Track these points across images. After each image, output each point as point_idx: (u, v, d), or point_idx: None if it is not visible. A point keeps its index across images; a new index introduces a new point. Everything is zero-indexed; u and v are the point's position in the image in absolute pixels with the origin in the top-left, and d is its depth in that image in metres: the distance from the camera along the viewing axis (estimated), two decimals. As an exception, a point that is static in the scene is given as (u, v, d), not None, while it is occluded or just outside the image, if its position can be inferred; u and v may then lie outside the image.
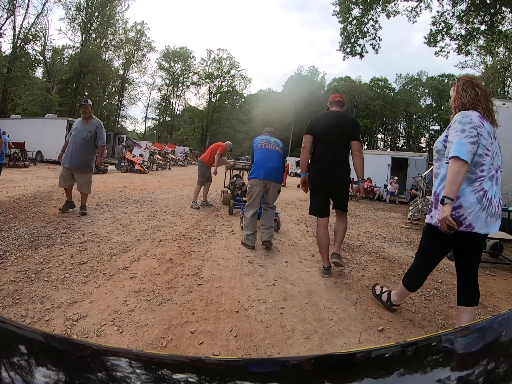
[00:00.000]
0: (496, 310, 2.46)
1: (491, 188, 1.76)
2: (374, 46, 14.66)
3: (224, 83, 51.04)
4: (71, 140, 4.36)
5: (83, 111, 4.43)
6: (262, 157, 3.50)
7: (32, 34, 30.55)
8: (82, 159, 4.32)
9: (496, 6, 11.98)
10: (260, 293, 2.39)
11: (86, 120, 4.44)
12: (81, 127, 4.40)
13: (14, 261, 2.56)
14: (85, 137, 4.33)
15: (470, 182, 1.74)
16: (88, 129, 4.36)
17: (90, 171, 4.46)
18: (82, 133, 4.34)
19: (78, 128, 4.41)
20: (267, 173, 3.43)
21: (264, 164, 3.46)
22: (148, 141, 29.55)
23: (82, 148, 4.31)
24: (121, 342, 1.66)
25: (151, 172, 14.35)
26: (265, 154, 3.51)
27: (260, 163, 3.48)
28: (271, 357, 1.56)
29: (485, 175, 1.75)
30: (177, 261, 2.92)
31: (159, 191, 7.83)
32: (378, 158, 12.78)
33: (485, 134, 1.75)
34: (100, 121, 4.58)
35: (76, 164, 4.31)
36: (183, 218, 4.84)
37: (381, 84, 49.61)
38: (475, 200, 1.72)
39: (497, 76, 27.80)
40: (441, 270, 3.38)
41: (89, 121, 4.44)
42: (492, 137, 1.81)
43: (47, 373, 0.38)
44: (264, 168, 3.44)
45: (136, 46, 44.09)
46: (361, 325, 2.04)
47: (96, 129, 4.40)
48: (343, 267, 2.98)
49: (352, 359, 0.52)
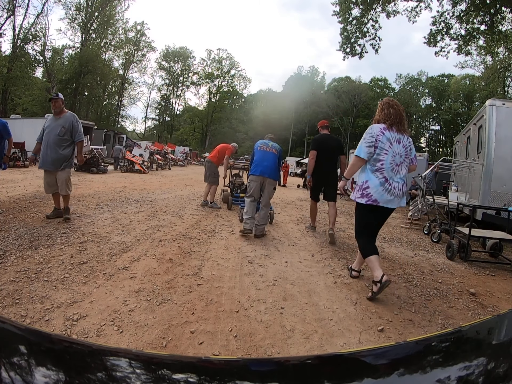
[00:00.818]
0: (496, 310, 2.46)
1: (392, 177, 2.48)
2: (374, 46, 14.68)
3: (224, 83, 51.10)
4: (44, 139, 3.98)
5: (53, 106, 4.00)
6: (260, 157, 4.12)
7: (32, 34, 30.60)
8: (59, 157, 3.94)
9: (496, 6, 11.99)
10: (260, 293, 2.39)
11: (58, 115, 4.02)
12: (54, 124, 4.00)
13: (14, 261, 2.56)
14: (59, 133, 3.93)
15: (373, 171, 2.50)
16: (62, 124, 3.96)
17: (68, 168, 4.09)
18: (55, 130, 3.95)
19: (51, 125, 4.01)
20: (263, 170, 4.04)
21: (261, 163, 4.08)
22: (148, 141, 29.58)
23: (57, 145, 3.92)
24: (121, 342, 1.66)
25: (151, 172, 14.34)
26: (263, 155, 4.14)
27: (257, 162, 4.10)
28: (271, 357, 1.57)
29: (385, 167, 2.47)
30: (177, 261, 2.92)
31: (159, 191, 7.83)
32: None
33: (383, 140, 2.47)
34: (74, 114, 4.15)
35: (52, 163, 3.94)
36: (183, 218, 4.84)
37: (381, 84, 49.57)
38: (378, 183, 2.46)
39: (497, 76, 27.82)
40: (441, 270, 3.38)
41: (62, 115, 4.03)
42: (395, 142, 2.50)
43: (47, 373, 0.38)
44: (261, 166, 4.05)
45: (136, 46, 44.11)
46: (361, 325, 2.04)
47: (71, 123, 3.99)
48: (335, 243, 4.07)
49: (352, 359, 0.52)
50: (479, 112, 6.05)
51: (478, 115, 6.12)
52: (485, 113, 5.36)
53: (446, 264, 3.62)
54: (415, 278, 3.04)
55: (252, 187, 4.08)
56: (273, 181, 4.12)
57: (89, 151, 12.09)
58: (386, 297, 2.50)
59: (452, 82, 42.87)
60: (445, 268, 3.44)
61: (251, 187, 4.10)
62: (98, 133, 17.74)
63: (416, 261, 3.64)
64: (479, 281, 3.13)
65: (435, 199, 5.33)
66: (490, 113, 5.22)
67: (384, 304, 2.38)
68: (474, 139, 6.26)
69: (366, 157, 2.49)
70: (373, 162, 2.50)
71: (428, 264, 3.58)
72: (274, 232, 4.51)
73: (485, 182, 5.18)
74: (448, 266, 3.53)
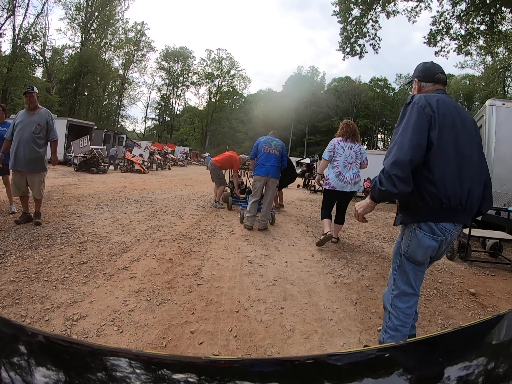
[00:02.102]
0: (496, 310, 2.46)
1: (345, 171, 3.80)
2: (373, 46, 14.66)
3: (224, 83, 51.06)
4: (17, 136, 3.60)
5: (28, 100, 3.68)
6: (264, 159, 4.51)
7: (32, 34, 30.59)
8: (33, 157, 3.61)
9: (496, 6, 11.99)
10: (260, 293, 2.39)
11: (32, 111, 3.71)
12: (28, 120, 3.65)
13: (14, 261, 2.56)
14: (34, 130, 3.61)
15: (332, 167, 3.84)
16: (37, 121, 3.65)
17: (42, 170, 3.77)
18: (29, 127, 3.61)
19: (24, 121, 3.65)
20: (267, 171, 4.46)
21: (266, 163, 4.48)
22: (148, 141, 29.55)
23: (31, 143, 3.59)
24: (121, 342, 1.66)
25: (151, 172, 14.33)
26: (266, 156, 4.53)
27: (262, 163, 4.50)
28: (271, 357, 1.56)
29: (339, 165, 3.80)
30: (177, 261, 2.92)
31: (159, 191, 7.82)
32: (378, 158, 12.72)
33: (338, 147, 3.84)
34: (48, 110, 3.87)
35: (25, 163, 3.60)
36: (182, 218, 4.84)
37: (381, 84, 49.52)
38: (334, 176, 3.80)
39: (497, 76, 27.83)
40: (441, 270, 3.38)
41: (36, 111, 3.72)
42: (347, 148, 3.83)
43: (47, 373, 0.38)
44: (266, 166, 4.46)
45: (136, 46, 44.08)
46: (361, 325, 2.04)
47: (46, 120, 3.72)
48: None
49: (352, 359, 0.52)
50: (479, 112, 6.04)
51: (478, 115, 6.12)
52: (485, 113, 5.36)
53: (446, 264, 3.62)
54: (415, 278, 3.03)
55: (257, 185, 4.51)
56: (276, 180, 4.57)
57: (89, 151, 12.08)
58: (386, 297, 2.50)
59: (452, 82, 42.81)
60: (445, 268, 3.44)
61: (256, 187, 4.52)
62: (98, 133, 17.73)
63: (416, 261, 3.63)
64: (479, 281, 3.13)
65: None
66: (490, 113, 5.22)
67: (384, 304, 2.38)
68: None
69: (328, 158, 3.88)
70: (332, 162, 3.86)
71: (428, 264, 3.58)
72: (274, 232, 4.50)
73: (485, 182, 5.17)
74: (448, 266, 3.53)
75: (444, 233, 1.39)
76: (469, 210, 1.41)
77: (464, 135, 1.40)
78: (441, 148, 1.33)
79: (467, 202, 1.36)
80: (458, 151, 1.36)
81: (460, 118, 1.42)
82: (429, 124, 1.34)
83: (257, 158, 4.58)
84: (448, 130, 1.36)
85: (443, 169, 1.33)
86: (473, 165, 1.40)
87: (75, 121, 15.82)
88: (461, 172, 1.35)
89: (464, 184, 1.34)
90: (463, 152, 1.37)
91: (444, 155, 1.34)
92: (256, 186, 4.52)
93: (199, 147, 44.28)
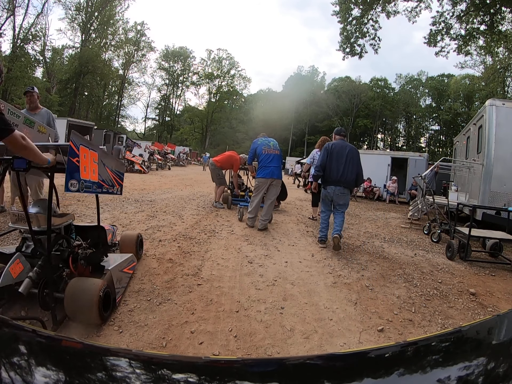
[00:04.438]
0: (496, 310, 2.46)
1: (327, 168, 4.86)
2: (373, 46, 14.65)
3: (224, 83, 51.03)
4: None
5: (28, 100, 3.69)
6: (266, 160, 4.54)
7: (32, 34, 30.59)
8: None
9: (496, 6, 11.98)
10: (260, 293, 2.39)
11: (33, 111, 3.71)
12: None
13: (14, 261, 2.56)
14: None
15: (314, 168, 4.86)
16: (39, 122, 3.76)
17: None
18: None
19: None
20: (271, 172, 4.52)
21: (269, 165, 4.52)
22: (148, 141, 29.53)
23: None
24: (121, 342, 1.66)
25: (151, 172, 14.33)
26: (268, 158, 4.56)
27: (265, 165, 4.53)
28: (271, 357, 1.57)
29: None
30: (176, 261, 2.92)
31: (158, 191, 7.82)
32: (378, 158, 12.74)
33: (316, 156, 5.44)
34: (49, 111, 3.87)
35: None
36: (182, 218, 4.84)
37: (381, 84, 49.46)
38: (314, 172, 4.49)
39: (497, 76, 27.84)
40: (441, 270, 3.38)
41: (37, 111, 3.73)
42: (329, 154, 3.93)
43: (47, 373, 0.38)
44: (269, 168, 4.51)
45: (136, 46, 44.08)
46: (361, 325, 2.04)
47: (48, 121, 3.73)
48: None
49: (352, 359, 0.52)
50: (479, 112, 6.05)
51: (478, 115, 6.12)
52: (485, 113, 5.36)
53: (446, 264, 3.62)
54: (415, 278, 3.04)
55: (260, 187, 4.55)
56: (280, 180, 4.66)
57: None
58: (386, 297, 2.51)
59: (452, 82, 42.83)
60: (445, 268, 3.44)
61: (260, 189, 4.56)
62: (98, 133, 17.71)
63: (416, 261, 3.64)
64: (479, 281, 3.13)
65: (435, 199, 5.33)
66: (490, 113, 5.22)
67: (384, 304, 2.38)
68: (474, 139, 6.26)
69: (309, 162, 5.88)
70: (314, 164, 5.00)
71: (428, 264, 3.58)
72: (274, 232, 4.50)
73: (485, 182, 5.18)
74: (448, 266, 3.53)
75: (330, 190, 3.77)
76: (343, 182, 3.71)
77: (341, 156, 3.74)
78: (330, 161, 3.76)
79: (340, 178, 3.70)
80: (338, 161, 3.73)
81: (342, 149, 3.79)
82: (327, 153, 3.80)
83: (256, 161, 4.59)
84: (334, 155, 3.77)
85: (330, 167, 3.76)
86: (344, 166, 3.71)
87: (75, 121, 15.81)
88: (338, 168, 3.72)
89: (338, 172, 3.70)
90: (338, 162, 3.73)
91: (331, 163, 3.75)
92: (261, 189, 4.55)
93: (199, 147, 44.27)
